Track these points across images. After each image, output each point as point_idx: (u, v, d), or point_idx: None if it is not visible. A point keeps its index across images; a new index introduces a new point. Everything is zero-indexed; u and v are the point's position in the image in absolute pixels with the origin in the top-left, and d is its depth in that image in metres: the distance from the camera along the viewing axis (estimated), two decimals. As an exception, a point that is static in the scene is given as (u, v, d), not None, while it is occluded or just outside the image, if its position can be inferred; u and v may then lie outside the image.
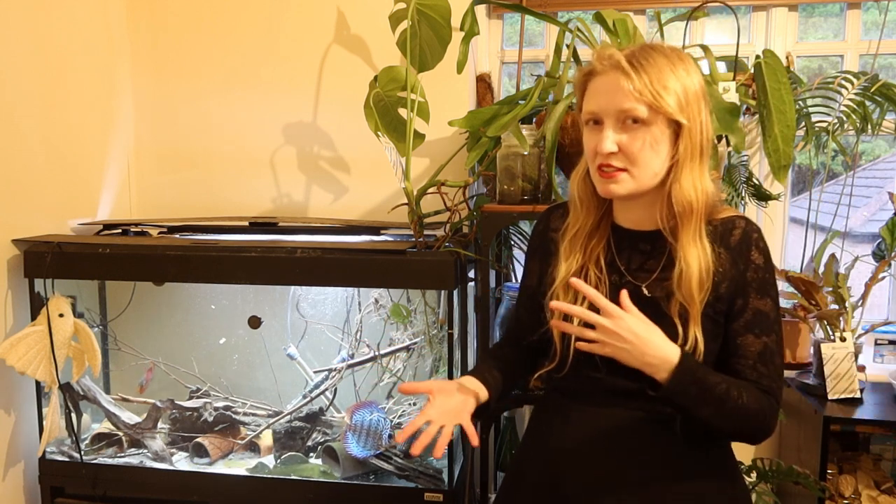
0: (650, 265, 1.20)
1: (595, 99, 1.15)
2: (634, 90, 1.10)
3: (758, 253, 1.18)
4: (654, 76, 1.10)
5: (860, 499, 1.87)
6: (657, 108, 1.10)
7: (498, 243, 2.05)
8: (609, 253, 1.23)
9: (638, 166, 1.13)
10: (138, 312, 2.16)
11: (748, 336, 1.17)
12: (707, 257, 1.14)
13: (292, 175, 2.31)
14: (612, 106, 1.12)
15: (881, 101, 1.95)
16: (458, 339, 1.84)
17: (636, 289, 1.18)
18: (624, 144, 1.12)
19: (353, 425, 1.89)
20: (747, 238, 1.18)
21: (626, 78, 1.10)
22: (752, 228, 1.19)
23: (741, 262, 1.17)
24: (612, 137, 1.12)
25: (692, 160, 1.14)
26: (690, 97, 1.13)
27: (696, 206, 1.14)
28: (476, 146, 1.88)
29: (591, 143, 1.17)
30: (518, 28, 2.24)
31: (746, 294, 1.17)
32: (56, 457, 2.01)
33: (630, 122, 1.11)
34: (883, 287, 2.19)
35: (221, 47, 2.30)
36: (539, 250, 1.34)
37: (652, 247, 1.20)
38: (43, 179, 2.04)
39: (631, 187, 1.14)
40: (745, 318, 1.17)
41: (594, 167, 1.17)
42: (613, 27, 1.68)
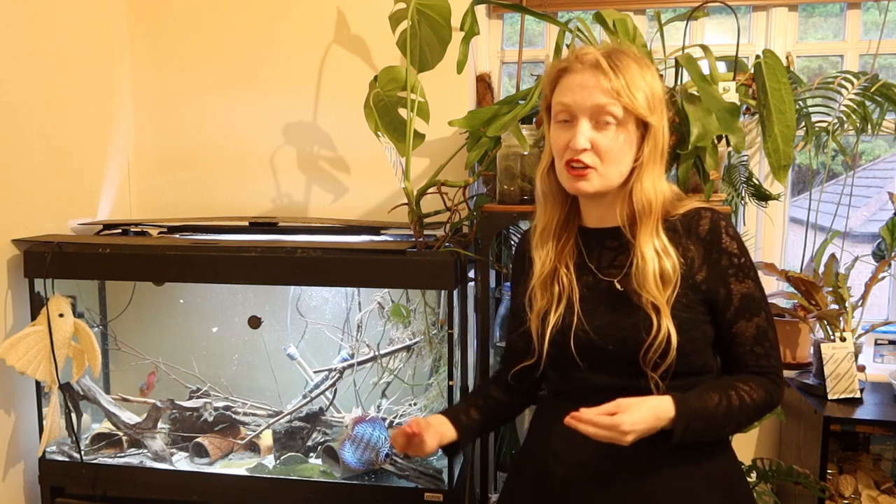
0: (620, 261, 1.22)
1: (570, 94, 1.16)
2: (612, 89, 1.13)
3: (729, 239, 1.20)
4: (629, 78, 1.14)
5: (860, 499, 1.87)
6: (631, 109, 1.14)
7: (498, 243, 2.05)
8: (579, 254, 1.26)
9: (607, 164, 1.16)
10: (138, 312, 2.16)
11: (740, 322, 1.20)
12: (668, 253, 1.17)
13: (292, 175, 2.31)
14: (589, 102, 1.14)
15: (881, 101, 1.95)
16: (458, 339, 1.84)
17: (609, 285, 1.21)
18: (596, 142, 1.15)
19: (354, 436, 1.88)
20: (716, 227, 1.20)
21: (605, 77, 1.13)
22: (719, 217, 1.22)
23: (714, 251, 1.20)
24: (587, 134, 1.15)
25: (653, 162, 1.18)
26: (656, 101, 1.17)
27: (655, 206, 1.18)
28: (476, 146, 1.88)
29: (561, 139, 1.18)
30: (518, 28, 2.24)
31: (727, 282, 1.20)
32: (56, 457, 2.01)
33: (603, 121, 1.15)
34: (883, 287, 2.19)
35: (221, 47, 2.30)
36: (522, 272, 1.35)
37: (619, 243, 1.23)
38: (43, 179, 2.04)
39: (598, 185, 1.17)
40: (734, 305, 1.20)
41: (562, 163, 1.19)
42: (613, 27, 1.68)
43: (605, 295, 1.21)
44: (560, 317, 1.22)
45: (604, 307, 1.21)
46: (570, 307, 1.22)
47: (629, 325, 1.17)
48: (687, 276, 1.18)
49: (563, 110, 1.17)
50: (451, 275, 1.75)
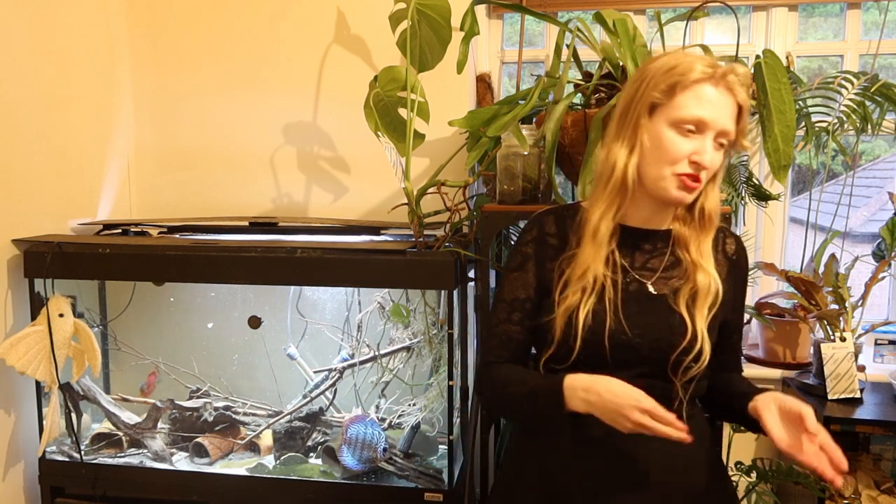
0: (653, 263, 1.23)
1: (708, 107, 1.14)
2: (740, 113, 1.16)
3: (745, 260, 1.30)
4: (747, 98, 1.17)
5: (860, 499, 1.87)
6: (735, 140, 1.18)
7: (498, 243, 2.05)
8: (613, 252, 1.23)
9: (711, 182, 1.20)
10: (138, 312, 2.16)
11: (734, 335, 1.31)
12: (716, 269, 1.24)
13: (292, 175, 2.31)
14: (720, 124, 1.14)
15: (881, 101, 1.95)
16: (458, 339, 1.84)
17: (641, 286, 1.21)
18: (714, 162, 1.16)
19: (348, 439, 1.89)
20: (740, 247, 1.29)
21: (738, 97, 1.15)
22: (738, 238, 1.31)
23: (737, 270, 1.28)
24: (712, 153, 1.15)
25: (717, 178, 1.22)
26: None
27: (716, 219, 1.23)
28: (476, 146, 1.88)
29: (682, 148, 1.14)
30: (518, 28, 2.24)
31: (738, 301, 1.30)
32: (56, 457, 2.01)
33: (719, 143, 1.16)
34: (883, 287, 2.19)
35: (221, 47, 2.30)
36: (534, 258, 1.28)
37: (653, 246, 1.24)
38: (43, 179, 2.04)
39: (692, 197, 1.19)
40: (736, 320, 1.30)
41: (671, 171, 1.15)
42: (613, 27, 1.68)
43: (638, 296, 1.21)
44: (590, 313, 1.17)
45: (636, 308, 1.20)
46: (601, 305, 1.18)
47: (664, 327, 1.18)
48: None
49: (695, 121, 1.14)
50: (451, 275, 1.75)
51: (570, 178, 1.88)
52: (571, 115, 1.71)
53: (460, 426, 1.88)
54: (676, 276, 1.22)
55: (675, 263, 1.23)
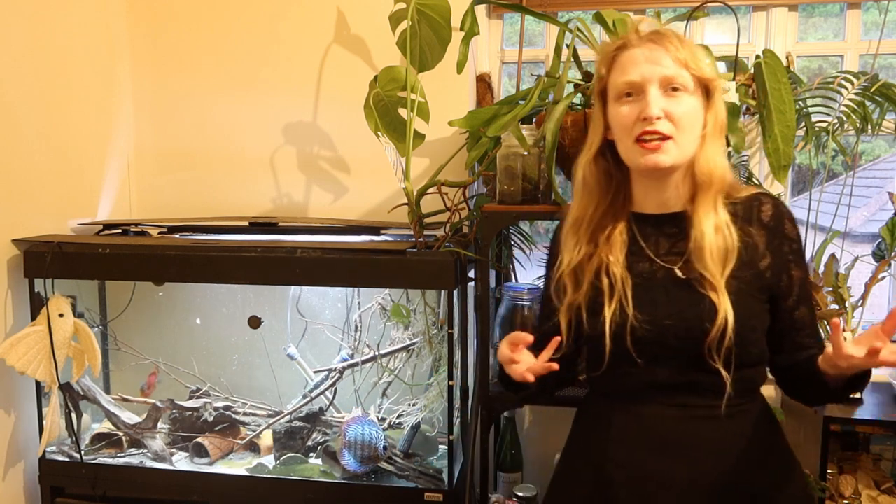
0: (679, 247, 1.19)
1: (634, 69, 1.14)
2: (681, 59, 1.12)
3: (791, 225, 1.20)
4: (691, 48, 1.14)
5: (860, 499, 1.87)
6: (699, 76, 1.13)
7: (498, 243, 2.05)
8: (633, 242, 1.21)
9: (682, 132, 1.13)
10: (138, 312, 2.16)
11: (801, 309, 1.20)
12: (729, 229, 1.15)
13: (292, 175, 2.31)
14: (658, 72, 1.12)
15: (881, 101, 1.95)
16: (458, 339, 1.84)
17: (669, 272, 1.18)
18: (669, 110, 1.12)
19: (348, 441, 1.88)
20: (779, 212, 1.20)
21: (673, 45, 1.12)
22: (780, 202, 1.21)
23: (776, 237, 1.19)
24: (659, 102, 1.12)
25: (715, 133, 1.16)
26: (714, 71, 1.17)
27: (716, 178, 1.16)
28: (476, 146, 1.88)
29: (628, 115, 1.14)
30: (518, 28, 2.24)
31: (788, 269, 1.19)
32: (56, 457, 2.01)
33: (671, 90, 1.13)
34: (883, 287, 2.18)
35: (221, 47, 2.30)
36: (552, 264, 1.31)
37: (679, 228, 1.20)
38: (43, 179, 2.04)
39: (675, 156, 1.14)
40: (795, 293, 1.19)
41: (631, 139, 1.15)
42: (613, 27, 1.68)
43: (665, 283, 1.17)
44: (615, 312, 1.17)
45: (663, 297, 1.17)
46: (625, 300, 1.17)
47: (693, 315, 1.13)
48: (751, 263, 1.16)
49: (628, 85, 1.14)
50: (451, 275, 1.75)
51: (570, 178, 1.88)
52: (571, 115, 1.71)
53: (460, 426, 1.89)
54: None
55: None
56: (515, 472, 2.10)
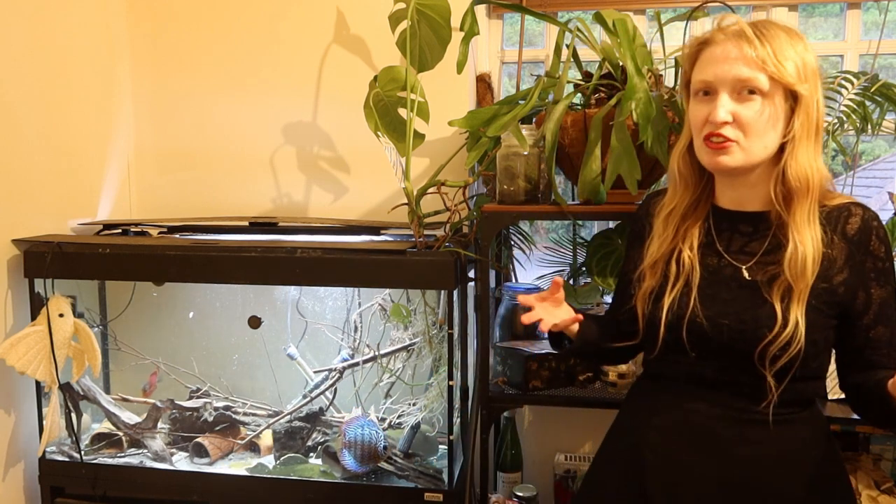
0: (752, 247, 1.17)
1: (710, 68, 1.12)
2: (757, 58, 1.08)
3: (878, 242, 1.14)
4: (776, 46, 1.09)
5: (860, 499, 1.87)
6: (778, 79, 1.08)
7: (498, 243, 2.05)
8: (707, 234, 1.21)
9: (750, 137, 1.10)
10: (138, 312, 2.16)
11: (879, 328, 1.15)
12: (819, 240, 1.11)
13: (292, 175, 2.31)
14: (731, 74, 1.10)
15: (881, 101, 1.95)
16: (458, 339, 1.84)
17: (736, 271, 1.16)
18: (738, 114, 1.10)
19: (348, 442, 1.88)
20: (867, 227, 1.14)
21: (750, 45, 1.09)
22: (871, 216, 1.15)
23: (860, 252, 1.14)
24: (728, 106, 1.10)
25: (807, 136, 1.11)
26: (809, 72, 1.11)
27: (812, 185, 1.11)
28: (476, 146, 1.88)
29: (700, 114, 1.14)
30: (518, 28, 2.24)
31: (867, 286, 1.14)
32: (56, 457, 2.01)
33: (746, 93, 1.10)
34: (883, 287, 2.18)
35: (221, 47, 2.30)
36: (637, 237, 1.32)
37: (754, 228, 1.18)
38: (43, 179, 2.04)
39: (741, 159, 1.11)
40: (874, 310, 1.15)
41: (701, 139, 1.14)
42: (613, 27, 1.68)
43: (729, 281, 1.16)
44: (675, 300, 1.17)
45: (725, 294, 1.15)
46: (688, 290, 1.17)
47: (751, 318, 1.12)
48: (825, 275, 1.12)
49: (704, 84, 1.13)
50: (451, 275, 1.75)
51: (570, 178, 1.88)
52: (571, 115, 1.72)
53: (460, 426, 1.89)
54: (777, 260, 1.13)
55: (778, 247, 1.14)
56: (515, 472, 2.10)
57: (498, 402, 1.83)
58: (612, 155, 1.59)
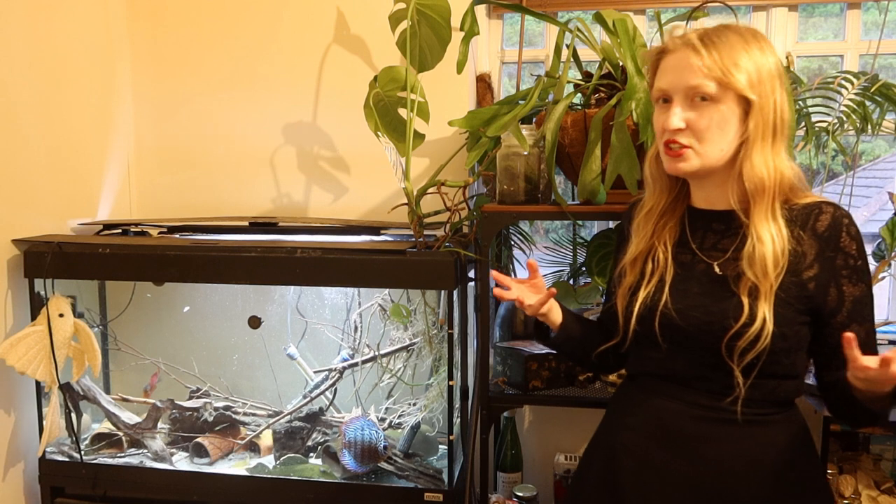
0: (724, 244, 1.20)
1: (665, 76, 1.16)
2: (703, 66, 1.11)
3: (849, 238, 1.15)
4: (725, 53, 1.11)
5: (860, 499, 1.87)
6: (726, 85, 1.11)
7: (498, 243, 2.05)
8: (682, 233, 1.24)
9: (704, 143, 1.14)
10: (138, 312, 2.16)
11: (853, 327, 1.16)
12: (782, 237, 1.14)
13: (292, 175, 2.31)
14: (682, 83, 1.13)
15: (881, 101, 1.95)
16: (458, 339, 1.84)
17: (708, 267, 1.19)
18: (692, 121, 1.13)
19: (348, 442, 1.89)
20: (836, 224, 1.15)
21: (696, 55, 1.12)
22: (842, 213, 1.17)
23: (829, 248, 1.15)
24: (680, 114, 1.14)
25: (764, 139, 1.14)
26: (763, 75, 1.13)
27: (769, 184, 1.14)
28: (476, 146, 1.88)
29: (658, 121, 1.18)
30: (518, 28, 2.24)
31: (839, 283, 1.15)
32: (56, 457, 2.01)
33: (698, 100, 1.13)
34: (883, 287, 2.18)
35: (221, 47, 2.30)
36: (622, 240, 1.36)
37: (727, 226, 1.21)
38: (43, 179, 2.04)
39: (696, 164, 1.16)
40: (847, 308, 1.16)
41: (660, 145, 1.18)
42: (613, 27, 1.68)
43: (701, 276, 1.19)
44: (649, 294, 1.21)
45: (696, 288, 1.19)
46: (661, 285, 1.21)
47: (718, 310, 1.14)
48: (795, 270, 1.14)
49: (661, 92, 1.17)
50: (451, 275, 1.75)
51: (570, 178, 1.88)
52: (571, 115, 1.72)
53: (460, 426, 1.89)
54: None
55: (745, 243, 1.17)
56: (515, 472, 2.10)
57: (498, 402, 1.83)
58: (612, 155, 1.59)
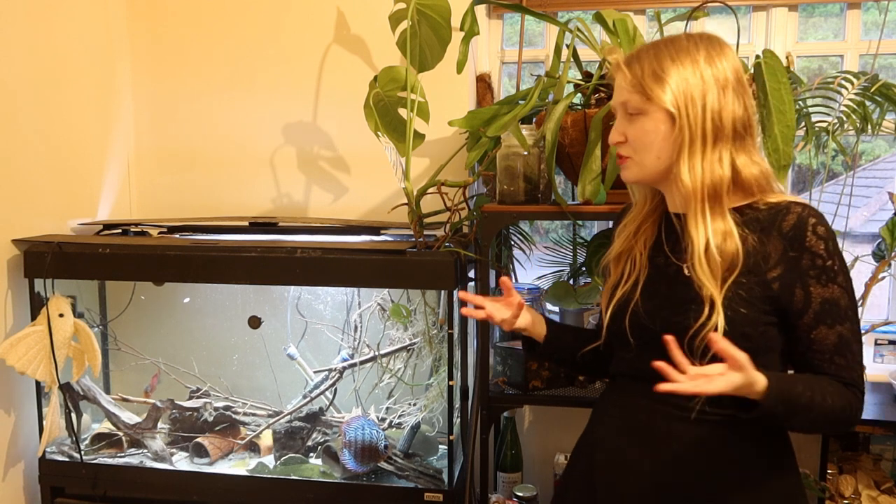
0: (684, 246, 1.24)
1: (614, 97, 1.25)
2: (628, 84, 1.20)
3: (815, 238, 1.14)
4: (648, 69, 1.18)
5: (860, 499, 1.87)
6: (649, 98, 1.17)
7: (498, 243, 2.05)
8: (658, 236, 1.29)
9: (640, 153, 1.21)
10: (138, 312, 2.16)
11: (821, 328, 1.15)
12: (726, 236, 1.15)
13: (292, 175, 2.31)
14: (617, 100, 1.23)
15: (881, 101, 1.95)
16: (458, 339, 1.84)
17: (678, 269, 1.23)
18: (628, 134, 1.22)
19: (349, 441, 1.89)
20: (801, 223, 1.15)
21: (622, 74, 1.21)
22: (809, 213, 1.16)
23: (794, 248, 1.15)
24: (618, 128, 1.23)
25: (692, 146, 1.17)
26: (691, 86, 1.16)
27: (696, 189, 1.17)
28: (476, 146, 1.88)
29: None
30: (518, 28, 2.24)
31: (806, 284, 1.15)
32: (56, 457, 2.01)
33: (630, 114, 1.21)
34: (883, 287, 2.18)
35: (221, 47, 2.30)
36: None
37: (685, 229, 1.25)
38: (43, 179, 2.04)
39: (636, 173, 1.23)
40: (814, 309, 1.15)
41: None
42: (613, 27, 1.68)
43: (671, 279, 1.23)
44: (624, 293, 1.26)
45: (664, 289, 1.23)
46: (636, 286, 1.26)
47: (681, 310, 1.18)
48: (758, 270, 1.15)
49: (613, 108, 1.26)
50: (451, 275, 1.75)
51: (570, 178, 1.88)
52: (571, 115, 1.72)
53: (460, 426, 1.89)
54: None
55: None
56: (515, 472, 2.10)
57: (498, 402, 1.83)
58: (612, 155, 1.59)
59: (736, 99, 1.17)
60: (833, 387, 1.14)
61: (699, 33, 1.23)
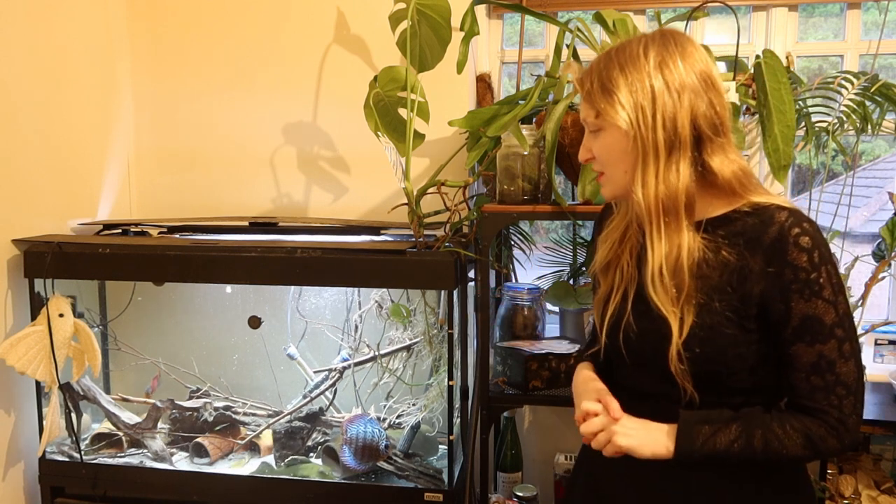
0: None
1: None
2: (583, 100, 1.17)
3: (797, 250, 1.06)
4: (597, 83, 1.14)
5: (860, 499, 1.87)
6: (601, 114, 1.13)
7: (498, 243, 2.05)
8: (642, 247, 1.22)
9: (607, 167, 1.18)
10: (138, 312, 2.16)
11: (798, 345, 1.07)
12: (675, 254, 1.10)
13: (292, 175, 2.31)
14: (582, 118, 1.20)
15: (881, 101, 1.95)
16: (458, 339, 1.84)
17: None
18: (593, 149, 1.19)
19: (349, 439, 1.89)
20: (783, 235, 1.07)
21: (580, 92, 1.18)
22: (793, 223, 1.07)
23: (776, 261, 1.07)
24: (585, 145, 1.20)
25: (645, 159, 1.11)
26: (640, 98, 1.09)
27: (648, 204, 1.10)
28: (476, 146, 1.88)
29: None
30: (518, 28, 2.24)
31: (787, 298, 1.07)
32: (56, 457, 2.01)
33: (591, 131, 1.18)
34: (883, 287, 2.18)
35: (221, 47, 2.30)
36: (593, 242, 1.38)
37: None
38: (43, 179, 2.04)
39: (611, 189, 1.19)
40: (792, 325, 1.07)
41: None
42: (613, 27, 1.68)
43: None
44: (616, 308, 1.20)
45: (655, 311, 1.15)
46: (626, 300, 1.19)
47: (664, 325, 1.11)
48: (739, 285, 1.09)
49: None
50: (451, 275, 1.75)
51: (570, 178, 1.89)
52: (571, 115, 1.72)
53: (460, 426, 1.89)
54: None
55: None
56: (515, 472, 2.10)
57: (498, 402, 1.83)
58: (612, 155, 1.59)
59: (698, 99, 1.09)
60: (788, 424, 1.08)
61: (657, 32, 1.15)
